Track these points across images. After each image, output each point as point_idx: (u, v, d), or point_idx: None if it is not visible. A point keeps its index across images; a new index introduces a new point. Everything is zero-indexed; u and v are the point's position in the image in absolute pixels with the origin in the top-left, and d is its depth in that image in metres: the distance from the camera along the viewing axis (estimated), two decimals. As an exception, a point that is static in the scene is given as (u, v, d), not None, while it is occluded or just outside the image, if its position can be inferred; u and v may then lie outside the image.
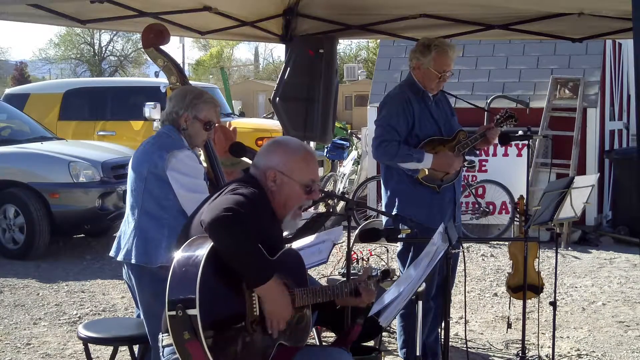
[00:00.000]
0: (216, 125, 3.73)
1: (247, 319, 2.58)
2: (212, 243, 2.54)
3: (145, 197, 3.50)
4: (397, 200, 4.33)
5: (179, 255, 2.60)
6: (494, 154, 9.30)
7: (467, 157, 4.56)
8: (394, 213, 4.29)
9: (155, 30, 4.01)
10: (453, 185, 4.37)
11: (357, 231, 3.99)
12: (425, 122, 4.31)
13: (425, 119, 4.31)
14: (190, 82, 4.21)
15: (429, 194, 4.28)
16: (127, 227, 3.58)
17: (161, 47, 4.01)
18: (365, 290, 3.00)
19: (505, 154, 9.29)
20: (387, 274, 3.14)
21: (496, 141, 4.54)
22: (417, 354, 3.08)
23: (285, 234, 3.79)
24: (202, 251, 2.54)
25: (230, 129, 4.07)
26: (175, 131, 3.58)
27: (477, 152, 5.07)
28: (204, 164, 3.76)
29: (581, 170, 9.10)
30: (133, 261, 3.48)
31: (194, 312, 2.44)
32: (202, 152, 3.82)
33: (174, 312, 2.47)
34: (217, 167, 3.85)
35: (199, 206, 2.91)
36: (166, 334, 2.60)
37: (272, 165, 2.87)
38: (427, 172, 4.24)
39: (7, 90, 13.17)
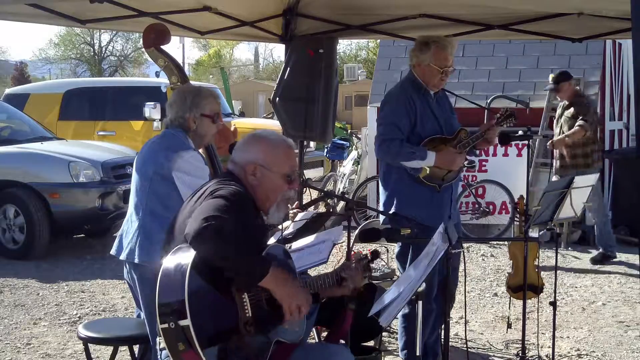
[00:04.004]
0: None
1: (240, 321, 2.56)
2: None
3: (150, 197, 3.49)
4: (396, 199, 4.32)
5: (165, 263, 2.57)
6: (494, 154, 9.30)
7: (467, 157, 4.56)
8: (392, 212, 4.29)
9: (156, 30, 4.02)
10: (451, 184, 4.37)
11: (357, 231, 3.99)
12: (427, 119, 4.30)
13: (427, 116, 4.30)
14: (191, 82, 4.21)
15: (428, 193, 4.27)
16: (129, 226, 3.57)
17: (162, 47, 4.01)
18: (348, 273, 2.97)
19: (505, 154, 9.28)
20: (376, 254, 3.13)
21: (496, 141, 4.54)
22: (417, 354, 3.08)
23: (286, 233, 3.81)
24: (187, 259, 2.51)
25: (232, 128, 4.07)
26: (181, 132, 3.57)
27: (477, 151, 5.06)
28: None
29: (581, 170, 9.08)
30: (136, 260, 3.48)
31: (186, 322, 2.42)
32: (203, 153, 3.81)
33: (166, 325, 2.45)
34: (218, 167, 3.85)
35: (183, 205, 2.90)
36: (162, 338, 2.59)
37: (252, 159, 2.86)
38: (428, 171, 4.23)
39: (7, 90, 13.16)
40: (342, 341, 3.24)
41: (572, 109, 7.72)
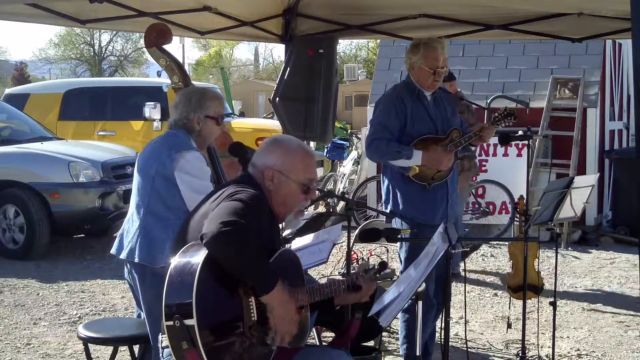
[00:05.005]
0: None
1: (245, 324, 2.55)
2: (206, 250, 2.51)
3: (152, 197, 3.49)
4: (391, 197, 4.39)
5: (175, 262, 2.56)
6: (494, 154, 9.30)
7: (469, 157, 4.57)
8: (388, 210, 4.35)
9: (157, 30, 4.02)
10: (446, 183, 4.38)
11: (357, 231, 3.99)
12: (420, 120, 4.32)
13: (419, 117, 4.32)
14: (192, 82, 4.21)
15: (419, 190, 4.31)
16: (130, 225, 3.57)
17: (164, 46, 4.01)
18: (364, 283, 2.98)
19: (505, 154, 9.28)
20: (384, 266, 3.11)
21: (495, 140, 4.56)
22: (417, 353, 3.08)
23: (285, 233, 3.81)
24: (198, 259, 2.51)
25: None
26: (184, 132, 3.57)
27: (473, 147, 5.07)
28: None
29: (581, 170, 9.09)
30: (136, 260, 3.48)
31: (192, 322, 2.41)
32: (204, 154, 3.81)
33: (171, 323, 2.45)
34: (219, 168, 3.85)
35: (198, 206, 2.90)
36: (165, 335, 2.59)
37: (270, 165, 2.85)
38: (417, 170, 4.25)
39: (7, 90, 13.14)
40: None
41: None
